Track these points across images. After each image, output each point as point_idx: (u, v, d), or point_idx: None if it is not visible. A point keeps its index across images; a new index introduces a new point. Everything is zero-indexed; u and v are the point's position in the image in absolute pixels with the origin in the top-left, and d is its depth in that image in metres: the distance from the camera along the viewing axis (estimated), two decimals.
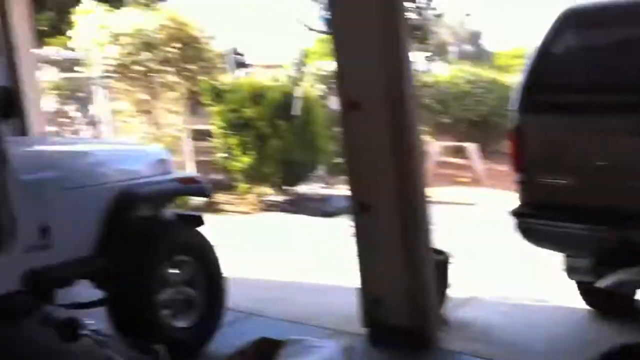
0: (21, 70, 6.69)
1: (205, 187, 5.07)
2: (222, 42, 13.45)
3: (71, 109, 10.52)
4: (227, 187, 10.46)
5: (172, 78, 10.76)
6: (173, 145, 9.74)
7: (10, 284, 3.77)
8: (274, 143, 10.23)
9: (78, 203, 4.10)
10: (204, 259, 4.59)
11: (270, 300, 5.60)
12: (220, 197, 10.18)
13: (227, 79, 11.64)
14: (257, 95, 10.38)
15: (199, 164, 10.84)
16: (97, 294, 4.35)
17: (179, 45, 10.71)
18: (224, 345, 4.41)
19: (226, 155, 10.50)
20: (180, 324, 4.44)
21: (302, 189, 10.90)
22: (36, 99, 6.88)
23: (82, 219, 4.12)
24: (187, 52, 10.83)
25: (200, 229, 4.70)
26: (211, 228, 4.81)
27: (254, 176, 10.42)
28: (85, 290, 4.42)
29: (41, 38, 9.72)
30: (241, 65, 14.10)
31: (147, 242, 4.32)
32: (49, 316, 2.25)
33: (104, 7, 11.20)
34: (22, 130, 6.17)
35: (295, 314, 5.21)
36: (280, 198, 10.42)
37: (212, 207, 9.13)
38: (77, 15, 11.12)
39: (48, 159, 4.22)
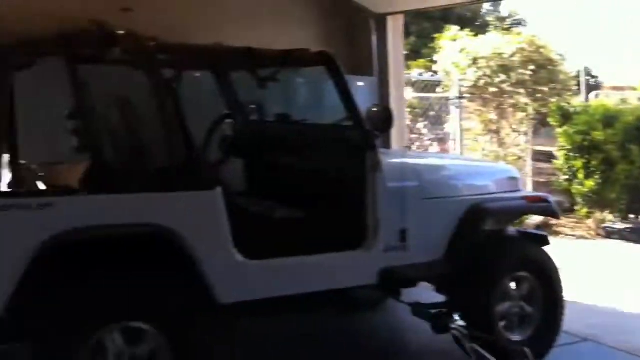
0: (390, 90, 7.34)
1: (554, 207, 5.02)
2: (576, 63, 13.19)
3: (420, 126, 11.17)
4: (565, 210, 10.26)
5: (522, 99, 10.90)
6: (515, 164, 9.86)
7: (369, 278, 4.22)
8: (623, 168, 9.78)
9: (434, 212, 4.44)
10: (545, 278, 4.65)
11: (607, 328, 5.45)
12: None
13: (578, 100, 11.38)
14: (609, 118, 10.02)
15: (536, 185, 10.81)
16: (435, 297, 4.64)
17: (533, 67, 10.84)
18: None
19: (568, 177, 10.31)
20: (515, 337, 4.54)
21: None
22: (400, 117, 7.34)
23: (436, 227, 4.44)
24: (540, 74, 10.90)
25: (545, 248, 4.76)
26: (548, 249, 4.81)
27: (596, 201, 10.06)
28: (423, 292, 4.77)
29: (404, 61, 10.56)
30: (592, 87, 13.62)
31: (492, 255, 4.53)
32: (423, 309, 2.57)
33: (466, 32, 11.86)
34: (386, 144, 6.71)
35: (634, 345, 5.05)
36: (622, 226, 9.91)
37: (548, 229, 9.05)
38: (443, 40, 11.92)
39: (411, 170, 4.58)
